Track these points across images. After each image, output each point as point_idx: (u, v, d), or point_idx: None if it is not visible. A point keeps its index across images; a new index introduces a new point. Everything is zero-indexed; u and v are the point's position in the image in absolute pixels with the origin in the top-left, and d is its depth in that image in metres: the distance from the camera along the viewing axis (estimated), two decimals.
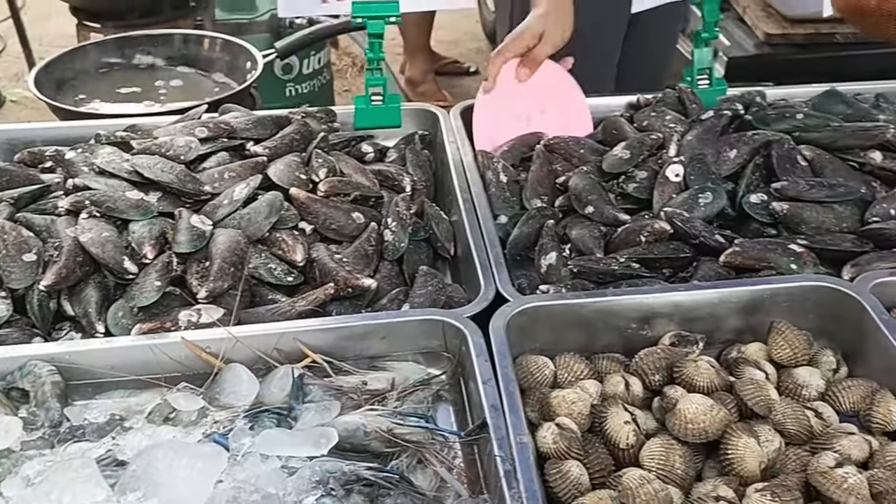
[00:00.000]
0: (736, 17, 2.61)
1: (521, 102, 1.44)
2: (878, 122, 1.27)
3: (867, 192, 1.19)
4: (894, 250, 1.12)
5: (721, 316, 1.07)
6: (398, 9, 1.43)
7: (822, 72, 2.20)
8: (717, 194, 1.19)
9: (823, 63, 2.43)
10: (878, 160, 1.22)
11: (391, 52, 4.30)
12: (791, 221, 1.16)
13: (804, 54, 2.46)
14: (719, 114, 1.32)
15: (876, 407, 0.94)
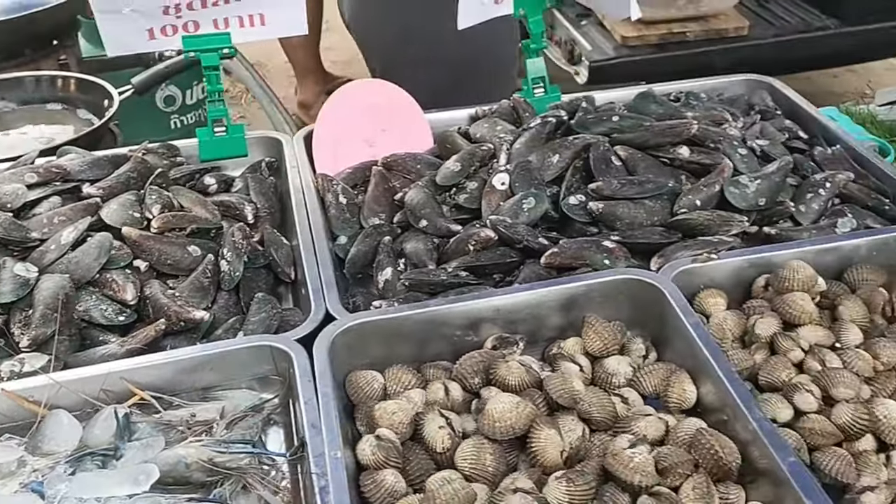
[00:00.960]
0: (597, 23, 2.70)
1: (362, 124, 1.48)
2: (685, 118, 1.33)
3: (675, 185, 1.25)
4: (699, 238, 1.18)
5: (542, 315, 1.12)
6: (230, 40, 1.44)
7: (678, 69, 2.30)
8: (539, 199, 1.24)
9: (678, 61, 2.53)
10: (686, 155, 1.29)
11: (287, 74, 4.31)
12: (607, 219, 1.21)
13: (660, 53, 2.56)
14: (545, 121, 1.38)
15: (671, 388, 0.99)
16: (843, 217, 1.24)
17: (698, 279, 1.14)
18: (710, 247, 1.16)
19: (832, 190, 1.28)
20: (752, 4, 2.82)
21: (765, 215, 1.25)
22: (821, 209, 1.27)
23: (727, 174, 1.25)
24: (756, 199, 1.23)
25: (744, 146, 1.33)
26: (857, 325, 1.09)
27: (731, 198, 1.23)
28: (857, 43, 2.64)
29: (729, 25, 2.61)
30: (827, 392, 0.99)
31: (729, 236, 1.20)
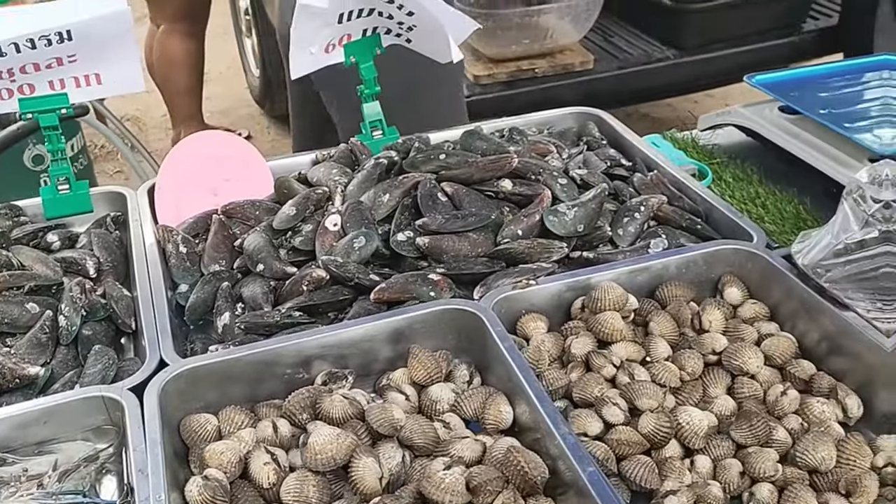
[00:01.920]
0: None
1: (205, 175, 1.48)
2: (508, 153, 1.39)
3: (499, 217, 1.30)
4: (520, 266, 1.23)
5: (372, 349, 1.14)
6: (68, 100, 1.44)
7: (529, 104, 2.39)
8: (369, 238, 1.27)
9: (529, 96, 2.63)
10: (509, 187, 1.34)
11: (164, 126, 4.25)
12: (434, 253, 1.25)
13: (511, 90, 2.65)
14: (377, 162, 1.41)
15: (488, 410, 1.03)
16: (657, 238, 1.32)
17: (519, 305, 1.19)
18: (529, 274, 1.21)
19: (646, 213, 1.36)
20: (597, 39, 2.96)
21: (585, 240, 1.32)
22: (637, 232, 1.34)
23: (546, 203, 1.31)
24: (575, 226, 1.30)
25: (564, 176, 1.39)
26: (666, 339, 1.16)
27: (550, 226, 1.29)
28: (695, 71, 2.80)
29: (575, 60, 2.73)
30: (633, 404, 1.04)
31: (549, 262, 1.25)
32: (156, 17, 3.70)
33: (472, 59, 2.74)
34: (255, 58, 4.47)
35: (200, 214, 1.42)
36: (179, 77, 3.73)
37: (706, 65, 2.78)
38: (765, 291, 1.23)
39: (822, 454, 0.96)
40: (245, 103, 4.83)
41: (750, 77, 1.63)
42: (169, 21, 3.60)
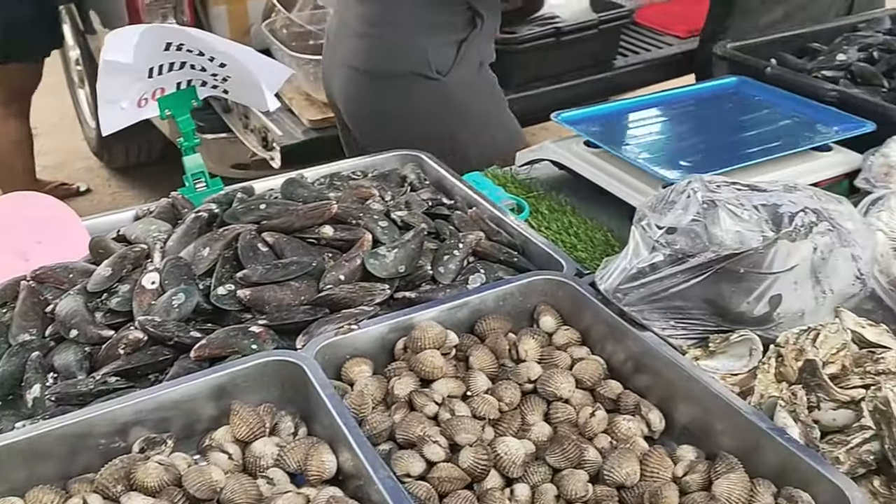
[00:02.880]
0: (286, 108, 2.76)
1: (14, 239, 1.40)
2: (328, 199, 1.39)
3: (320, 263, 1.29)
4: (343, 312, 1.23)
5: (194, 409, 1.10)
6: None
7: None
8: (189, 294, 1.23)
9: None
10: (330, 233, 1.34)
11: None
12: (256, 304, 1.23)
13: None
14: (197, 216, 1.38)
15: (311, 461, 1.01)
16: (475, 273, 1.35)
17: (343, 350, 1.18)
18: (351, 318, 1.21)
19: (466, 250, 1.38)
20: None
21: (407, 280, 1.32)
22: (457, 268, 1.36)
23: (367, 247, 1.32)
24: (396, 267, 1.30)
25: (385, 219, 1.40)
26: (486, 372, 1.18)
27: (371, 269, 1.29)
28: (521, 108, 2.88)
29: None
30: (453, 440, 1.05)
31: (372, 305, 1.25)
32: None
33: (306, 104, 2.73)
34: (90, 108, 4.29)
35: (8, 281, 1.33)
36: (18, 160, 3.64)
37: (531, 101, 2.88)
38: (576, 318, 1.28)
39: (627, 470, 1.00)
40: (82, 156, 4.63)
41: (556, 115, 1.70)
42: (1, 106, 3.50)
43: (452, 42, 2.01)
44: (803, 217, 1.15)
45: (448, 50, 2.00)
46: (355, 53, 2.08)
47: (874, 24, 2.20)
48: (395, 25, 2.01)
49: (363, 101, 2.11)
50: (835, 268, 1.17)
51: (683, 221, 1.13)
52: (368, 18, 2.03)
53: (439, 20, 1.99)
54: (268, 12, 2.93)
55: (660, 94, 1.85)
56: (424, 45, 1.98)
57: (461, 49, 2.01)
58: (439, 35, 1.99)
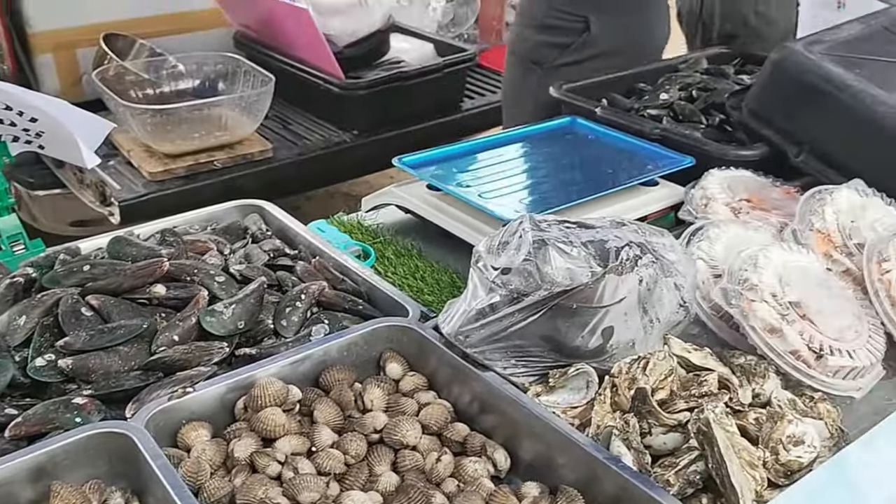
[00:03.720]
0: (125, 162, 2.65)
1: None
2: (159, 257, 1.33)
3: (152, 325, 1.23)
4: (177, 374, 1.17)
5: (10, 494, 1.01)
6: None
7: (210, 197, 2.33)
8: (3, 367, 1.14)
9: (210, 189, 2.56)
10: (162, 293, 1.28)
11: None
12: (81, 374, 1.15)
13: (191, 184, 2.57)
14: (12, 281, 1.29)
15: None
16: (319, 324, 1.31)
17: (178, 415, 1.12)
18: (187, 381, 1.15)
19: (308, 300, 1.35)
20: (276, 128, 2.98)
21: (248, 336, 1.28)
22: (300, 320, 1.32)
23: (202, 304, 1.26)
24: (235, 323, 1.26)
25: (223, 274, 1.35)
26: (331, 426, 1.14)
27: (208, 326, 1.23)
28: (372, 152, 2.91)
29: (254, 150, 2.72)
30: (296, 499, 1.01)
31: (210, 366, 1.20)
32: None
33: (145, 156, 2.62)
34: None
35: None
36: None
37: (382, 145, 2.89)
38: (422, 362, 1.27)
39: None
40: None
41: (398, 159, 1.71)
42: None
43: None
44: (628, 251, 1.20)
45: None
46: None
47: (693, 64, 2.34)
48: None
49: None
50: (660, 297, 1.22)
51: (517, 261, 1.15)
52: None
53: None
54: (99, 60, 2.81)
55: (498, 136, 1.90)
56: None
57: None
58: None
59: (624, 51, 2.35)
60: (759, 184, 1.73)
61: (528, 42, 2.41)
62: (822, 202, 1.54)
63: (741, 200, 1.65)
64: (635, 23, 2.37)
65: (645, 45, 2.42)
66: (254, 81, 2.73)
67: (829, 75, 1.71)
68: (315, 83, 2.91)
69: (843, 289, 1.40)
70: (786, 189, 1.73)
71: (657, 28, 2.44)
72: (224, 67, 2.86)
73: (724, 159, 1.76)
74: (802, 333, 1.27)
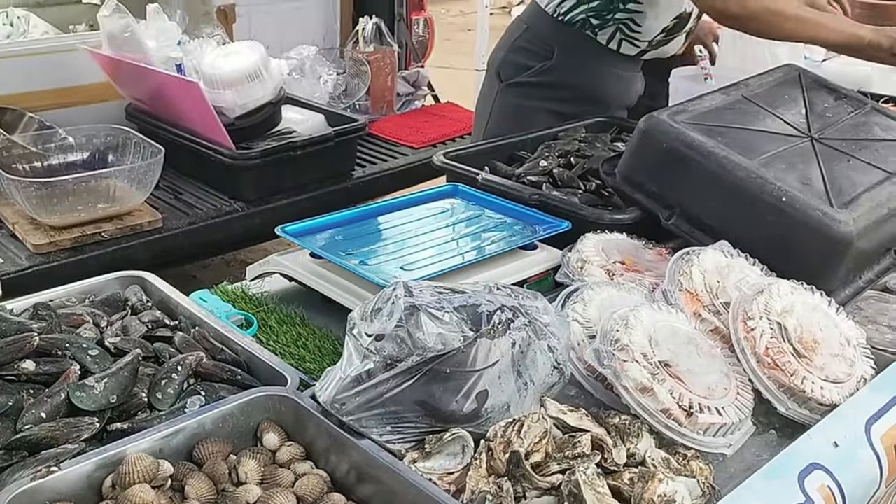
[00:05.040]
0: (9, 234, 2.57)
1: None
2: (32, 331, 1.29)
3: (17, 402, 1.19)
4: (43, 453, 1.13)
5: None
6: None
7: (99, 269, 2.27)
8: None
9: (98, 260, 2.50)
10: (31, 368, 1.24)
11: None
12: None
13: (78, 256, 2.51)
14: None
15: None
16: (195, 396, 1.29)
17: (42, 496, 1.07)
18: (52, 459, 1.11)
19: (185, 372, 1.33)
20: (167, 197, 2.94)
21: (121, 410, 1.25)
22: (177, 392, 1.30)
23: (73, 379, 1.23)
24: (107, 398, 1.22)
25: (97, 347, 1.32)
26: (202, 501, 1.12)
27: (77, 402, 1.20)
28: (263, 220, 2.90)
29: (143, 220, 2.68)
30: None
31: (79, 443, 1.16)
32: None
33: (31, 228, 2.55)
34: None
35: None
36: None
37: (273, 213, 2.89)
38: (300, 432, 1.26)
39: None
40: None
41: (280, 228, 1.71)
42: None
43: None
44: (500, 315, 1.23)
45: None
46: None
47: (572, 132, 2.45)
48: None
49: None
50: (534, 360, 1.25)
51: (389, 328, 1.16)
52: None
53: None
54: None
55: (382, 203, 1.93)
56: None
57: None
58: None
59: (578, 91, 2.56)
60: (633, 246, 1.81)
61: (499, 59, 2.63)
62: (689, 263, 1.61)
63: (616, 263, 1.72)
64: (592, 72, 2.56)
65: (598, 96, 2.60)
66: (143, 153, 2.70)
67: (693, 143, 1.81)
68: (206, 154, 2.90)
69: (712, 347, 1.46)
70: (658, 251, 1.81)
71: (613, 85, 2.62)
72: (114, 139, 2.82)
73: (600, 223, 1.84)
74: (672, 392, 1.31)
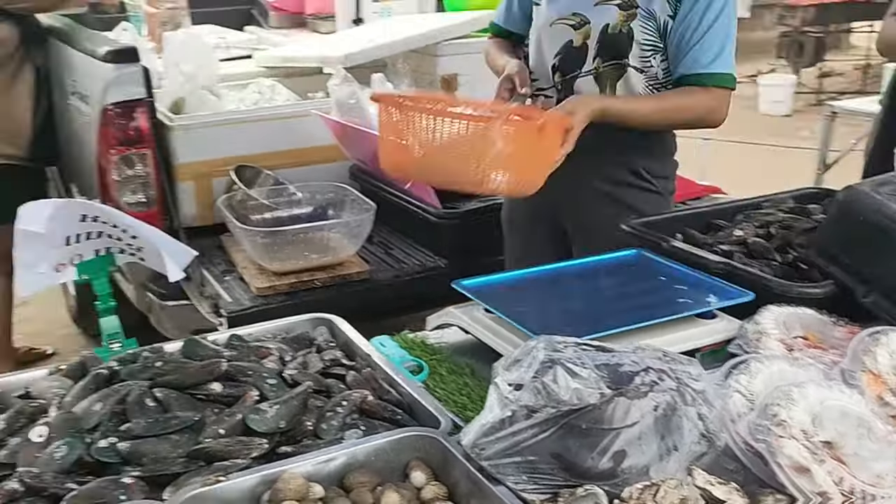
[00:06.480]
0: (237, 277, 2.90)
1: None
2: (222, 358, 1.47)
3: (202, 418, 1.36)
4: (215, 464, 1.28)
5: None
6: None
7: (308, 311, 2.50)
8: (72, 446, 1.29)
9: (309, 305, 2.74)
10: (218, 390, 1.41)
11: None
12: (134, 457, 1.29)
13: (291, 301, 2.77)
14: (96, 373, 1.46)
15: None
16: (354, 429, 1.40)
17: (210, 502, 1.22)
18: (221, 471, 1.26)
19: (349, 407, 1.44)
20: (377, 251, 3.17)
21: (289, 436, 1.38)
22: (340, 425, 1.42)
23: (249, 403, 1.39)
24: (276, 423, 1.37)
25: (276, 377, 1.48)
26: None
27: (251, 423, 1.35)
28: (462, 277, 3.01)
29: (351, 271, 2.91)
30: None
31: (248, 459, 1.31)
32: None
33: (256, 272, 2.87)
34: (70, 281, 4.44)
35: None
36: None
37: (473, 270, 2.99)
38: (446, 474, 1.32)
39: None
40: (63, 324, 4.77)
41: (457, 283, 1.81)
42: None
43: None
44: (644, 376, 1.23)
45: None
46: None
47: (777, 202, 2.35)
48: None
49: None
50: (679, 426, 1.24)
51: (527, 378, 1.21)
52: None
53: None
54: (228, 188, 3.13)
55: (562, 264, 1.97)
56: None
57: None
58: None
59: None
60: (820, 322, 1.71)
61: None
62: (877, 342, 1.51)
63: (796, 337, 1.64)
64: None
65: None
66: (358, 209, 2.95)
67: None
68: (414, 211, 3.10)
69: (890, 433, 1.35)
70: (850, 329, 1.70)
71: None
72: (334, 196, 3.12)
73: (787, 296, 1.76)
74: (833, 474, 1.24)
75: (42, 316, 4.72)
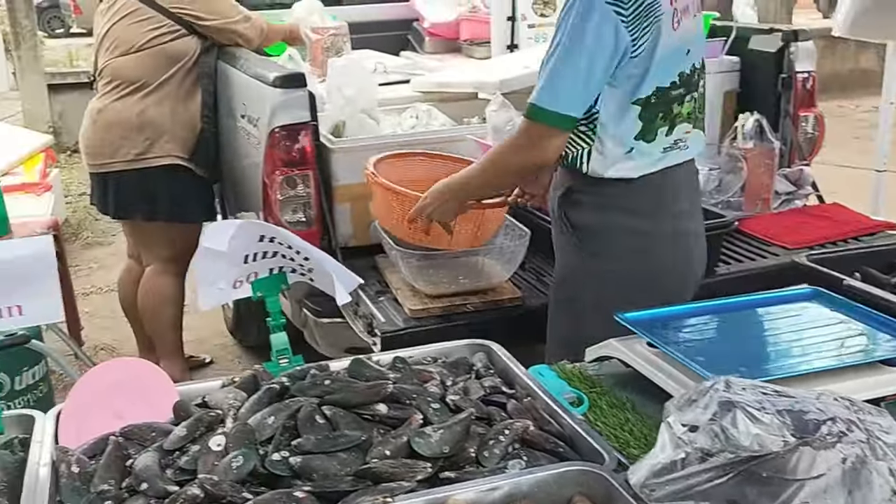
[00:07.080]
0: (392, 298, 2.96)
1: (112, 400, 1.58)
2: (386, 379, 1.50)
3: (369, 438, 1.39)
4: (382, 485, 1.30)
5: None
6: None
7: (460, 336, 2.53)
8: (248, 457, 1.35)
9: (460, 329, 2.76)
10: (383, 411, 1.44)
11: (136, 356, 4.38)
12: (304, 471, 1.33)
13: (444, 323, 2.80)
14: (269, 388, 1.52)
15: None
16: (517, 459, 1.40)
17: None
18: (388, 492, 1.28)
19: (511, 436, 1.44)
20: (530, 278, 3.16)
21: (451, 461, 1.39)
22: (501, 453, 1.42)
23: (415, 426, 1.41)
24: (440, 447, 1.38)
25: (439, 402, 1.50)
26: None
27: (416, 447, 1.37)
28: None
29: (504, 297, 2.91)
30: None
31: (413, 482, 1.33)
32: (147, 259, 4.02)
33: (409, 294, 2.92)
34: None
35: (101, 436, 1.50)
36: (167, 314, 4.03)
37: None
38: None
39: None
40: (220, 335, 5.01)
41: (621, 315, 1.78)
42: (161, 263, 3.93)
43: None
44: (831, 426, 1.16)
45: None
46: None
47: None
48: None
49: None
50: (868, 480, 1.16)
51: (703, 420, 1.17)
52: None
53: None
54: None
55: (729, 300, 1.90)
56: None
57: None
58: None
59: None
60: None
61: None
62: None
63: None
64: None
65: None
66: (512, 235, 2.96)
67: None
68: None
69: None
70: None
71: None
72: None
73: None
74: None
75: (201, 325, 4.99)
